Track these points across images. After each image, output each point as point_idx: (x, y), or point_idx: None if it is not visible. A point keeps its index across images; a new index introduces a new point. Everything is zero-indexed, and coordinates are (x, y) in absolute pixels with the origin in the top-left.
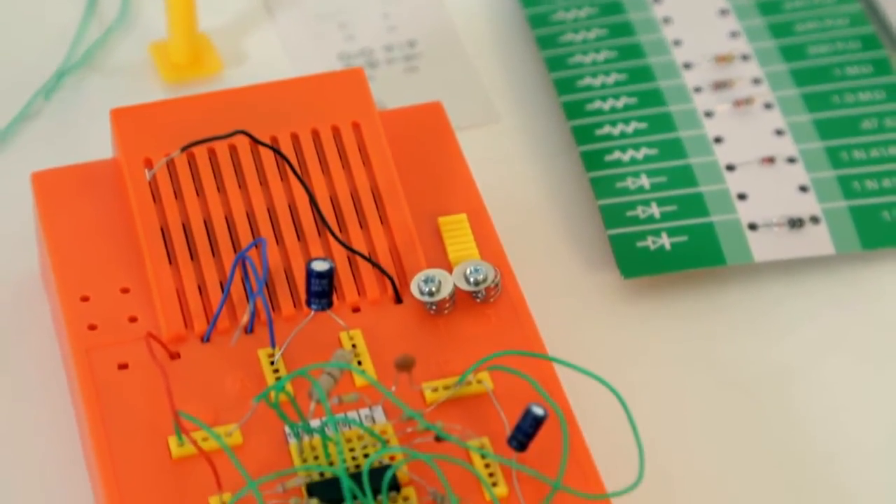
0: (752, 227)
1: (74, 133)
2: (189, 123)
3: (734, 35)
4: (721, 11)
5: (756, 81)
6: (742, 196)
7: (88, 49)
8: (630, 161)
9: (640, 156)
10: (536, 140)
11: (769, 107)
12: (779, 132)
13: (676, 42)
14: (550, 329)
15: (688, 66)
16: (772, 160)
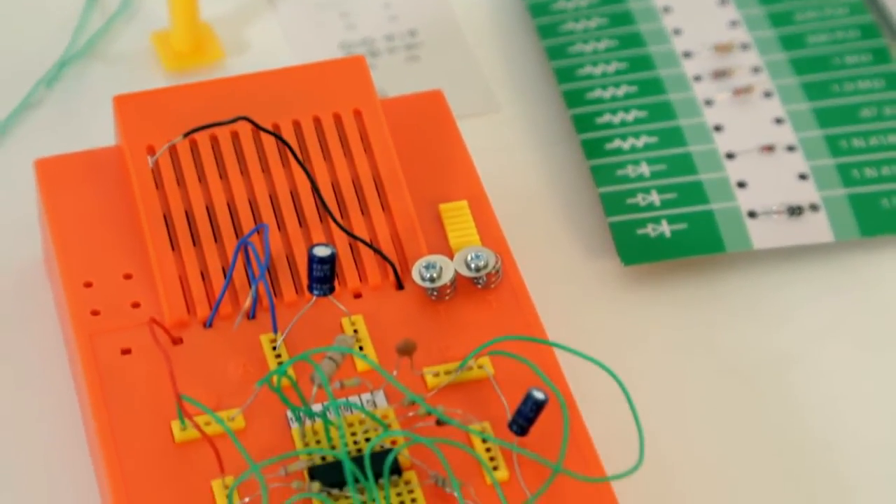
0: (752, 215)
1: (77, 121)
2: (191, 110)
3: (734, 24)
4: (721, 1)
5: (756, 70)
6: (742, 184)
7: (91, 38)
8: (630, 149)
9: (641, 144)
10: (537, 128)
11: (769, 95)
12: (778, 120)
13: (676, 31)
14: (551, 315)
15: (688, 55)
16: (771, 148)
